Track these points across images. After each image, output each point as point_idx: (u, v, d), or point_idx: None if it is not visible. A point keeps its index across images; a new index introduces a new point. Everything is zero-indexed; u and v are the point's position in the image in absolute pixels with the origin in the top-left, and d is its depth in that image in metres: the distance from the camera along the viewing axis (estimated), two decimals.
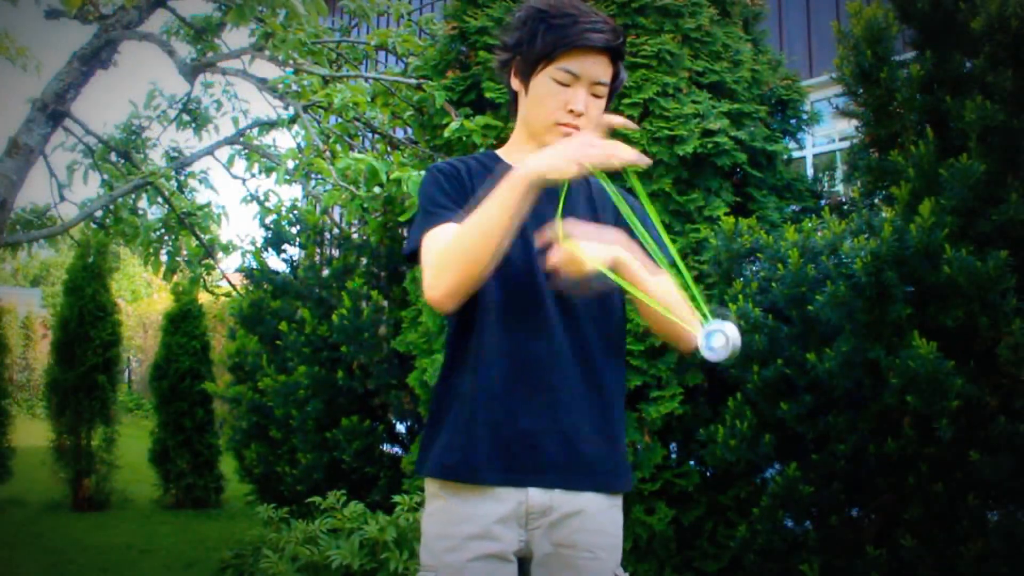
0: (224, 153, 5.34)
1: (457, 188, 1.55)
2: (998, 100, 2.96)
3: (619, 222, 1.57)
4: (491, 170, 1.57)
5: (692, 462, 3.59)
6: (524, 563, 1.54)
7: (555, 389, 1.50)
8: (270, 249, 5.56)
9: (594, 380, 1.53)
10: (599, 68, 1.51)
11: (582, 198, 1.61)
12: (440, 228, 1.49)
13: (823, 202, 4.02)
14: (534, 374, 1.50)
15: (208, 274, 5.41)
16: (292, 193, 23.85)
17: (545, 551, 1.50)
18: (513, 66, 1.58)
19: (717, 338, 1.35)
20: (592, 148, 1.34)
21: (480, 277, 1.41)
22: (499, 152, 1.65)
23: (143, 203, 5.21)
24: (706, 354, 1.36)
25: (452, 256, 1.41)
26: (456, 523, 1.49)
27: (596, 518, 1.51)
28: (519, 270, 1.52)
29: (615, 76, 1.55)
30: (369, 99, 4.36)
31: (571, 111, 1.51)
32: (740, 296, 3.14)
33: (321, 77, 4.36)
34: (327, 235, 5.69)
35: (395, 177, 3.74)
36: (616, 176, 1.44)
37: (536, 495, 1.49)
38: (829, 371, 2.89)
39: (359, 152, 4.37)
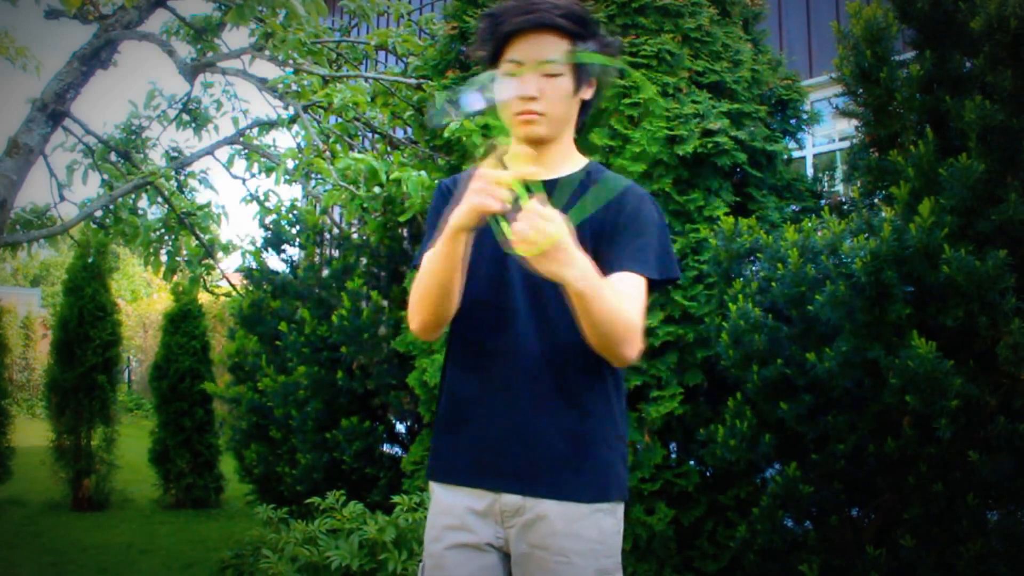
0: (224, 153, 5.34)
1: (445, 209, 1.55)
2: (997, 100, 2.96)
3: (606, 222, 1.53)
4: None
5: (692, 462, 3.59)
6: (510, 558, 1.56)
7: (520, 396, 1.51)
8: (270, 249, 5.56)
9: (565, 388, 1.51)
10: (541, 47, 1.49)
11: (572, 201, 1.55)
12: (424, 257, 1.54)
13: (823, 202, 4.02)
14: (500, 380, 1.52)
15: (208, 274, 5.40)
16: (292, 193, 23.84)
17: (521, 551, 1.51)
18: None
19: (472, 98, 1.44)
20: (476, 196, 1.36)
21: (440, 315, 1.51)
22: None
23: (143, 203, 5.21)
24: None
25: (415, 297, 1.51)
26: (438, 514, 1.57)
27: (574, 523, 1.49)
28: (489, 278, 1.54)
29: (575, 52, 1.51)
30: (369, 99, 4.36)
31: (521, 98, 1.50)
32: (740, 296, 3.14)
33: (321, 77, 4.36)
34: (327, 235, 5.70)
35: (395, 177, 3.74)
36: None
37: (508, 495, 1.51)
38: (829, 371, 2.89)
39: (359, 152, 4.36)
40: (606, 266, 1.49)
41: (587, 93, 1.57)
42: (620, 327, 1.40)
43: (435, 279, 1.46)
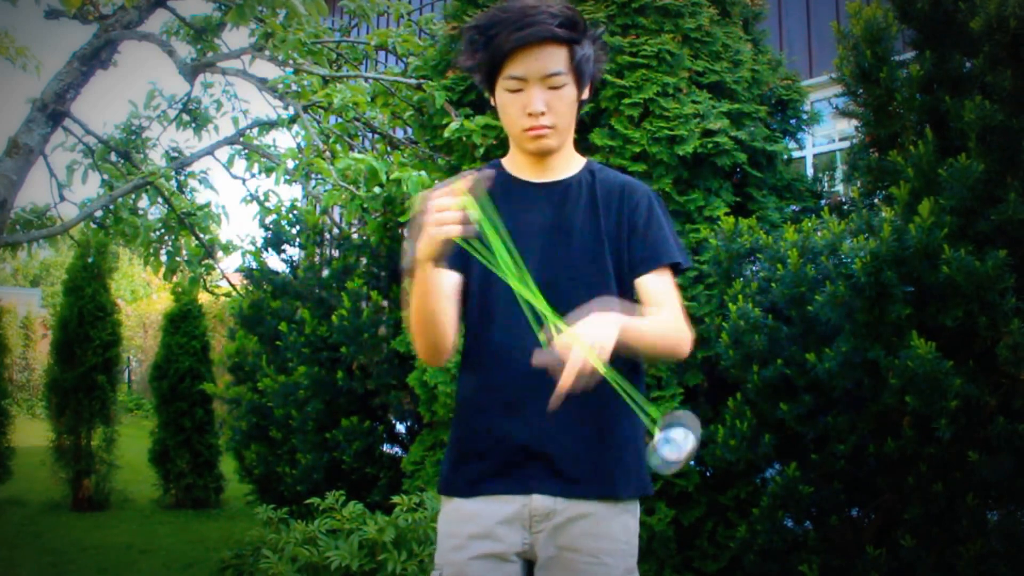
0: (224, 153, 5.34)
1: None
2: (997, 100, 2.96)
3: (620, 222, 1.55)
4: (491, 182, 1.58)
5: (692, 462, 3.59)
6: (531, 565, 1.53)
7: (541, 399, 1.45)
8: (270, 249, 5.55)
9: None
10: (544, 61, 1.47)
11: (583, 203, 1.57)
12: (405, 288, 1.53)
13: (823, 202, 4.02)
14: (520, 384, 1.49)
15: (208, 274, 5.41)
16: (292, 193, 23.83)
17: (549, 554, 1.49)
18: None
19: (671, 449, 1.38)
20: (432, 226, 1.34)
21: (438, 344, 1.49)
22: (504, 160, 1.64)
23: (143, 203, 5.21)
24: (655, 459, 1.38)
25: (411, 328, 1.51)
26: (461, 522, 1.52)
27: (603, 523, 1.50)
28: (503, 282, 1.50)
29: (574, 58, 1.49)
30: (369, 99, 4.36)
31: (529, 114, 1.50)
32: (740, 296, 3.14)
33: (321, 77, 4.36)
34: (327, 235, 5.69)
35: (395, 177, 3.74)
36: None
37: (539, 498, 1.49)
38: (829, 371, 2.89)
39: (359, 152, 4.37)
40: (638, 264, 1.53)
41: (585, 94, 1.57)
42: (671, 340, 1.49)
43: (419, 314, 1.46)
